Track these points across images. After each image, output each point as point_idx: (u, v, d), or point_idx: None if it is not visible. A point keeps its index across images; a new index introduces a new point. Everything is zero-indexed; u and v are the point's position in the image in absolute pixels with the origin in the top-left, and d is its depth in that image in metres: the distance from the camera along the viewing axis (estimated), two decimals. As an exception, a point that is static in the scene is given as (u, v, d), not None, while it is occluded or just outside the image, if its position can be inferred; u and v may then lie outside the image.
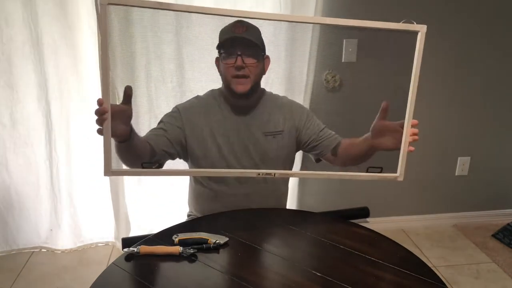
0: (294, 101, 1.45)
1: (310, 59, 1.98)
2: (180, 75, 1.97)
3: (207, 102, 1.35)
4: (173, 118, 1.32)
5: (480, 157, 2.36)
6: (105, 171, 1.05)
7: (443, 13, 2.06)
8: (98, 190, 2.13)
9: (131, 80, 1.93)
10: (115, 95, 1.96)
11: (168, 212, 2.15)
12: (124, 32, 1.84)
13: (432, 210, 2.43)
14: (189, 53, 1.94)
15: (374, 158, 1.25)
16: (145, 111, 1.98)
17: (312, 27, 1.93)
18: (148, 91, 1.96)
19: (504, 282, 1.94)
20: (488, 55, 2.17)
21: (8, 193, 2.07)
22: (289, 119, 1.38)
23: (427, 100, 2.19)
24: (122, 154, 1.14)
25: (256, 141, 1.34)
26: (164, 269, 0.98)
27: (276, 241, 1.14)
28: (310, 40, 1.95)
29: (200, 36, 1.94)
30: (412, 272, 0.96)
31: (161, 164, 1.29)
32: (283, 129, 1.36)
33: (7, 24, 1.83)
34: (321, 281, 0.93)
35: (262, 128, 1.34)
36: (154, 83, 1.95)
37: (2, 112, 1.95)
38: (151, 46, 1.90)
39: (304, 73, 2.01)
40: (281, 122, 1.37)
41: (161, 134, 1.28)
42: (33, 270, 2.05)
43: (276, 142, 1.36)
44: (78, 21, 1.86)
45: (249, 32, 1.24)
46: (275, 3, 1.90)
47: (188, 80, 1.98)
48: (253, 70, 1.25)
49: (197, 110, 1.33)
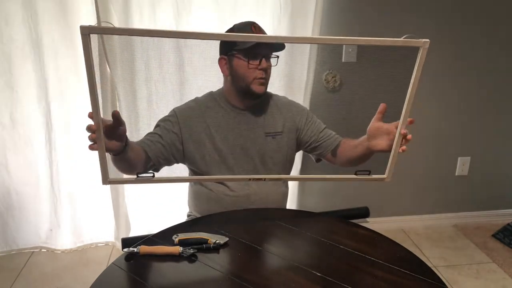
0: (293, 101, 1.46)
1: (310, 59, 1.98)
2: (179, 76, 1.97)
3: (207, 104, 1.34)
4: (169, 122, 1.31)
5: (480, 157, 2.36)
6: (103, 180, 1.07)
7: (443, 13, 2.06)
8: (98, 190, 2.13)
9: (131, 80, 1.93)
10: (115, 95, 1.97)
11: (168, 212, 2.15)
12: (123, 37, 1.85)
13: (432, 210, 2.43)
14: (189, 57, 1.95)
15: (369, 160, 1.26)
16: (145, 111, 1.99)
17: (312, 27, 1.93)
18: (148, 91, 1.96)
19: (504, 282, 1.94)
20: (488, 55, 2.17)
21: (8, 193, 2.07)
22: (289, 120, 1.38)
23: (427, 100, 2.19)
24: (117, 165, 1.16)
25: (256, 141, 1.34)
26: (164, 269, 0.98)
27: (276, 241, 1.14)
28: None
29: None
30: (412, 272, 0.96)
31: (157, 169, 1.30)
32: (282, 130, 1.37)
33: (7, 24, 1.83)
34: (321, 281, 0.93)
35: (262, 128, 1.34)
36: (154, 83, 1.96)
37: (2, 112, 1.95)
38: (151, 49, 1.91)
39: (304, 73, 2.01)
40: (281, 123, 1.37)
41: (156, 141, 1.27)
42: (33, 270, 2.05)
43: (276, 143, 1.36)
44: (78, 21, 1.86)
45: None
46: (275, 3, 1.90)
47: (188, 81, 1.98)
48: (270, 72, 1.29)
49: (196, 113, 1.33)
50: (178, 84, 1.97)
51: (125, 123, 1.06)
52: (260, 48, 1.22)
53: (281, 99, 1.43)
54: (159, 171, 1.32)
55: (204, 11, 1.88)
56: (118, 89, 1.92)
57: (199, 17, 1.89)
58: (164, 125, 1.31)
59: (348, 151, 1.30)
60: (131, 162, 1.16)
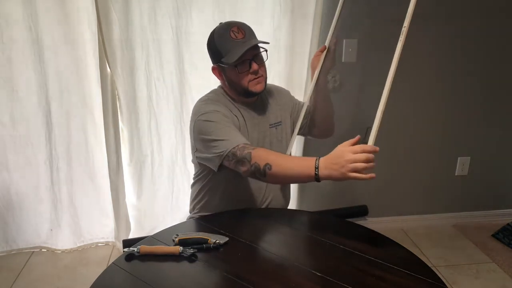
0: (277, 86, 1.50)
1: (310, 59, 1.98)
2: (179, 76, 1.97)
3: (225, 103, 1.31)
4: (220, 115, 1.24)
5: (480, 157, 2.36)
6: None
7: (442, 10, 2.05)
8: (98, 190, 2.13)
9: (131, 80, 1.93)
10: (115, 95, 1.97)
11: (168, 212, 2.15)
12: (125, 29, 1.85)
13: (432, 210, 2.43)
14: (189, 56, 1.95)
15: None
16: (145, 111, 1.99)
17: (312, 27, 1.93)
18: (148, 91, 1.96)
19: (504, 282, 1.94)
20: (488, 55, 2.17)
21: (8, 193, 2.07)
22: (282, 108, 1.42)
23: (427, 100, 2.19)
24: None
25: (265, 134, 1.36)
26: (164, 269, 0.98)
27: (276, 241, 1.14)
28: (310, 40, 1.95)
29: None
30: (412, 272, 0.96)
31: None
32: (281, 120, 1.40)
33: (7, 24, 1.82)
34: (321, 281, 0.93)
35: (267, 121, 1.37)
36: (154, 83, 1.96)
37: (2, 112, 1.95)
38: (151, 47, 1.91)
39: (304, 73, 2.01)
40: (279, 113, 1.41)
41: (234, 130, 1.23)
42: (33, 270, 2.04)
43: (279, 133, 1.39)
44: (78, 21, 1.86)
45: (250, 35, 1.26)
46: (275, 3, 1.90)
47: (188, 81, 1.99)
48: (264, 68, 1.29)
49: (224, 110, 1.28)
50: (178, 84, 1.98)
51: (125, 123, 1.05)
52: (246, 54, 1.21)
53: (273, 89, 1.46)
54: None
55: (204, 11, 1.87)
56: (118, 89, 1.92)
57: (199, 17, 1.89)
58: (220, 119, 1.23)
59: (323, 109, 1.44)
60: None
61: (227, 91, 1.33)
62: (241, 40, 1.22)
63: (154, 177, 2.09)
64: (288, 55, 1.98)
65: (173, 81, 1.97)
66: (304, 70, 2.00)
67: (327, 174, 1.03)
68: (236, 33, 1.22)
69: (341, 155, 1.01)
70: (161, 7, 1.85)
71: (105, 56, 1.85)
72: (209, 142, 1.21)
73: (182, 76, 1.97)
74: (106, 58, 1.85)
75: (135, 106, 1.97)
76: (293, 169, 1.10)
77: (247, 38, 1.23)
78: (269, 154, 1.14)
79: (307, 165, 1.06)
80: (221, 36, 1.24)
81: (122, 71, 1.90)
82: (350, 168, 0.99)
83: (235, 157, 1.16)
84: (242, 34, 1.23)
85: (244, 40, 1.22)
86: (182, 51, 1.93)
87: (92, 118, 1.99)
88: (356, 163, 0.98)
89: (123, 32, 1.85)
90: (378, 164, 1.00)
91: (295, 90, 2.00)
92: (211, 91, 1.37)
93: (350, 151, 1.00)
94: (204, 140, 1.23)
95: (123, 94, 1.93)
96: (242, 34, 1.23)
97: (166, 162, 2.08)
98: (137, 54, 1.90)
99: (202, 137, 1.24)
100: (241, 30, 1.23)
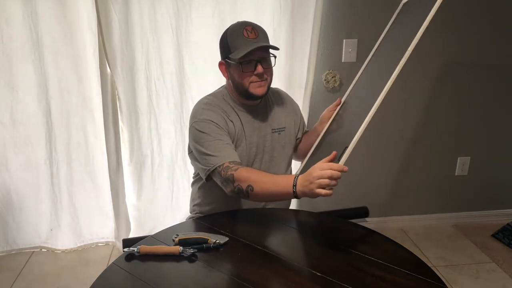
0: (285, 93, 1.50)
1: (310, 59, 1.98)
2: (179, 76, 1.97)
3: (224, 107, 1.30)
4: (213, 125, 1.24)
5: (480, 157, 2.36)
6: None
7: (440, 13, 2.05)
8: (98, 190, 2.13)
9: (131, 80, 1.93)
10: (115, 95, 1.97)
11: (168, 212, 2.15)
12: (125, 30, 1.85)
13: (432, 210, 2.43)
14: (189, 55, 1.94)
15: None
16: (145, 111, 1.99)
17: (312, 27, 1.93)
18: (148, 91, 1.96)
19: (504, 282, 1.94)
20: (488, 54, 2.17)
21: (8, 193, 2.07)
22: (288, 114, 1.42)
23: (427, 100, 2.19)
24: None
25: (266, 138, 1.35)
26: (164, 269, 0.98)
27: (276, 241, 1.15)
28: (310, 40, 1.95)
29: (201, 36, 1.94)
30: (412, 272, 0.96)
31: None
32: (285, 126, 1.39)
33: (7, 24, 1.82)
34: (321, 281, 0.93)
35: (269, 125, 1.36)
36: (154, 83, 1.96)
37: (2, 112, 1.95)
38: (151, 46, 1.91)
39: (304, 73, 2.01)
40: (283, 119, 1.40)
41: (226, 144, 1.23)
42: (33, 270, 2.05)
43: (282, 139, 1.38)
44: (78, 21, 1.86)
45: (263, 37, 1.25)
46: (275, 3, 1.90)
47: (188, 81, 1.99)
48: (270, 73, 1.28)
49: (222, 115, 1.28)
50: (178, 84, 1.97)
51: (125, 123, 1.05)
52: (253, 55, 1.21)
53: (282, 94, 1.46)
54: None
55: (204, 11, 1.87)
56: (118, 89, 1.92)
57: (199, 17, 1.89)
58: (212, 130, 1.23)
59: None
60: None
61: (230, 91, 1.33)
62: (252, 40, 1.21)
63: (154, 177, 2.09)
64: (288, 55, 1.98)
65: (173, 81, 1.97)
66: (304, 70, 2.00)
67: (302, 190, 1.06)
68: (249, 32, 1.23)
69: (311, 172, 1.03)
70: (161, 7, 1.85)
71: (105, 56, 1.85)
72: (200, 154, 1.24)
73: (182, 76, 1.97)
74: (106, 58, 1.85)
75: (135, 106, 1.97)
76: (274, 188, 1.12)
77: (259, 40, 1.22)
78: (251, 175, 1.15)
79: (286, 184, 1.09)
80: (234, 32, 1.24)
81: (122, 71, 1.90)
82: (316, 185, 1.00)
83: (220, 176, 1.19)
84: (254, 34, 1.23)
85: (256, 40, 1.22)
86: (182, 51, 1.93)
87: (92, 118, 1.99)
88: (320, 179, 1.00)
89: (123, 32, 1.85)
90: (378, 164, 1.00)
91: (295, 90, 2.00)
92: (213, 92, 1.37)
93: (318, 167, 1.02)
94: (196, 149, 1.26)
95: (123, 94, 1.93)
96: (254, 35, 1.22)
97: (166, 162, 2.08)
98: (137, 54, 1.90)
99: (195, 146, 1.26)
100: (255, 31, 1.23)
